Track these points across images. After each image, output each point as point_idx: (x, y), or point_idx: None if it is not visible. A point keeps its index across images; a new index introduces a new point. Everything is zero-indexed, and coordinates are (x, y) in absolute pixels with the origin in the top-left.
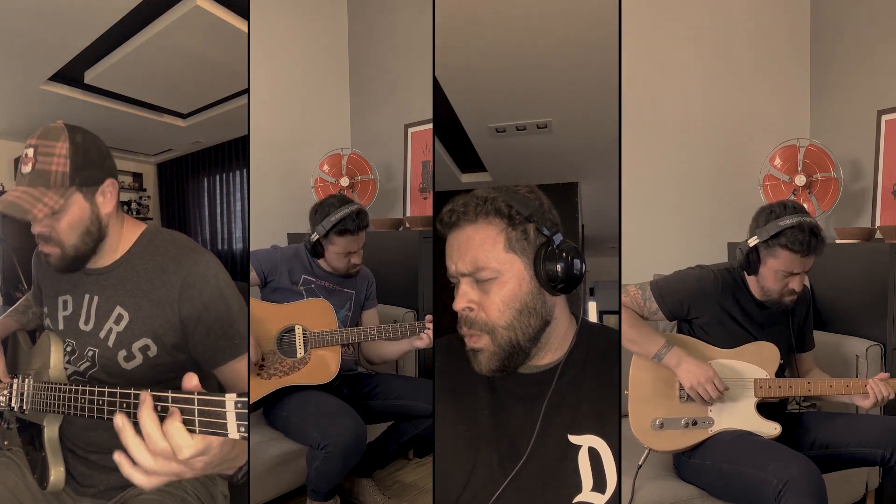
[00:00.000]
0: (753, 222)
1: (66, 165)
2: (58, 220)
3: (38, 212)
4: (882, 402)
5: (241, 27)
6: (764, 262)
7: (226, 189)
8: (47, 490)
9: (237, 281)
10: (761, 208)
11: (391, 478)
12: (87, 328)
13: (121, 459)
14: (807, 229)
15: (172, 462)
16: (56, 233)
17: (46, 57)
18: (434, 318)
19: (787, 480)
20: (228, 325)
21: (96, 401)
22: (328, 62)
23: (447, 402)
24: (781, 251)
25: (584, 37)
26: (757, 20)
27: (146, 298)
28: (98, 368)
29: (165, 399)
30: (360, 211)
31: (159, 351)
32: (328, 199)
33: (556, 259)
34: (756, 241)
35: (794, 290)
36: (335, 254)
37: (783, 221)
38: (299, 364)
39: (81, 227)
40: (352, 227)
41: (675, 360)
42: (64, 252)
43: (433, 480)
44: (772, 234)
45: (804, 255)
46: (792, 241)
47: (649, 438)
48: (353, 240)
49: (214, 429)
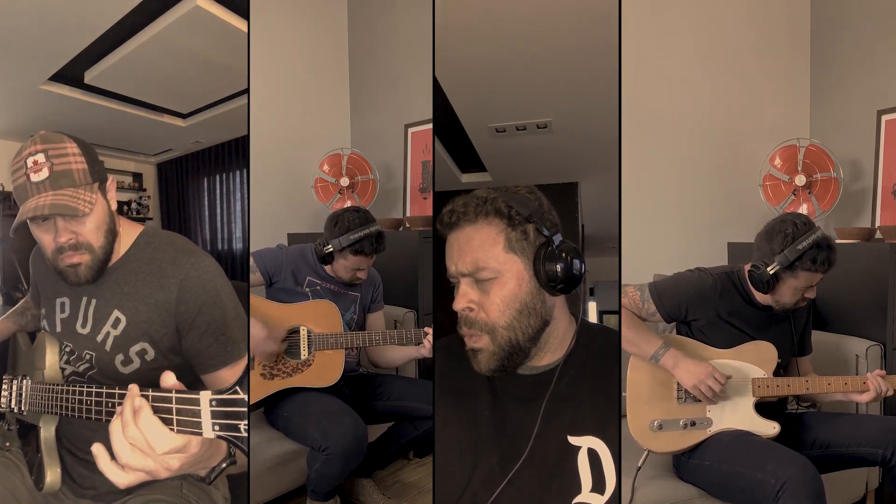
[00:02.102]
0: (766, 245)
1: (83, 163)
2: (82, 223)
3: (85, 208)
4: (882, 395)
5: (241, 27)
6: (783, 282)
7: (226, 189)
8: (43, 491)
9: (237, 281)
10: (770, 230)
11: (391, 478)
12: (84, 331)
13: (98, 452)
14: (824, 246)
15: (148, 457)
16: (84, 237)
17: (46, 57)
18: (434, 318)
19: (785, 480)
20: (221, 332)
21: (85, 401)
22: (328, 62)
23: (447, 403)
24: (803, 273)
25: (585, 37)
26: (757, 20)
27: (143, 302)
28: (96, 371)
29: (146, 398)
30: (379, 234)
31: (156, 355)
32: (350, 214)
33: (556, 259)
34: (777, 269)
35: (808, 299)
36: (343, 267)
37: (801, 244)
38: (303, 366)
39: (105, 226)
40: (368, 250)
41: (673, 361)
42: (95, 257)
43: (433, 481)
44: (793, 259)
45: (826, 272)
46: (814, 261)
47: (648, 440)
48: (366, 261)
49: (190, 427)
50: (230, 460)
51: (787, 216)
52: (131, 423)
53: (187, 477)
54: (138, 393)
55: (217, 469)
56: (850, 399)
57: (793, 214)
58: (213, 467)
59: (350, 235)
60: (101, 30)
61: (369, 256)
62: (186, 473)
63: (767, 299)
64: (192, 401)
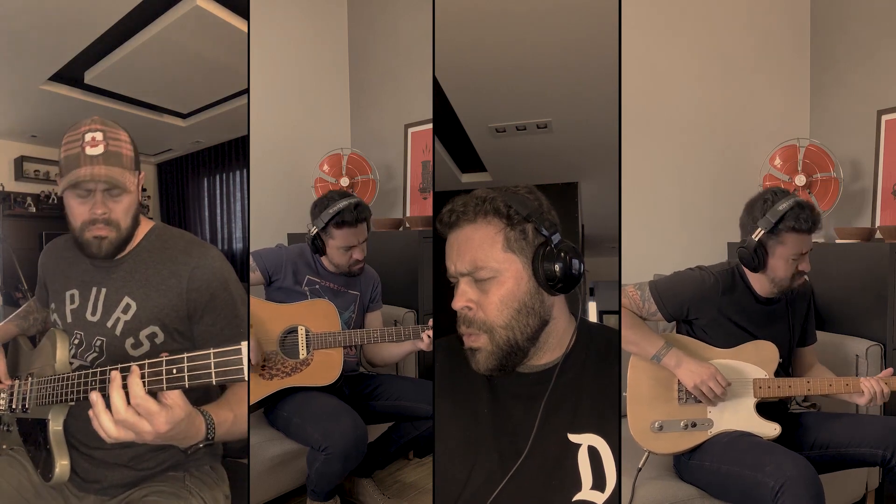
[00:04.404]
0: (747, 217)
1: (132, 151)
2: (119, 202)
3: (131, 187)
4: (876, 397)
5: (241, 27)
6: (773, 253)
7: (226, 189)
8: (51, 483)
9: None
10: (751, 202)
11: (391, 478)
12: (94, 318)
13: (97, 399)
14: (805, 206)
15: (143, 419)
16: (116, 215)
17: (46, 57)
18: (434, 318)
19: (784, 481)
20: (234, 315)
21: (90, 382)
22: (328, 62)
23: (447, 402)
24: (788, 235)
25: (585, 36)
26: (757, 20)
27: (154, 288)
28: (105, 357)
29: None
30: (358, 203)
31: (166, 338)
32: (328, 194)
33: (555, 259)
34: (762, 233)
35: (803, 272)
36: (335, 248)
37: (781, 205)
38: (301, 365)
39: (133, 210)
40: (349, 218)
41: (675, 361)
42: (119, 235)
43: (433, 480)
44: (775, 221)
45: (810, 232)
46: (798, 220)
47: (649, 441)
48: (353, 232)
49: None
50: (206, 441)
51: (769, 188)
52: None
53: (189, 470)
54: (138, 372)
55: (195, 447)
56: (851, 400)
57: (770, 186)
58: (192, 445)
59: (329, 210)
60: (101, 30)
61: (354, 226)
62: (170, 445)
63: (766, 286)
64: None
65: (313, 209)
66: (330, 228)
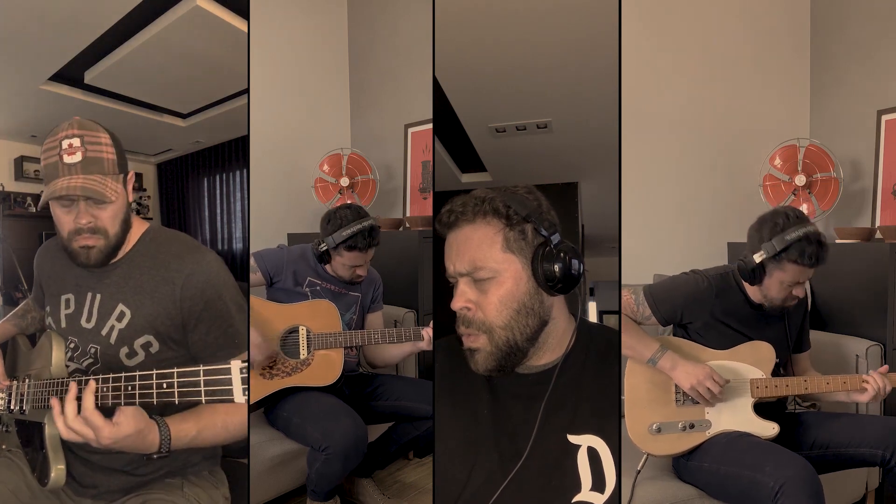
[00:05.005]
0: (755, 234)
1: (113, 154)
2: (104, 209)
3: (111, 195)
4: (880, 393)
5: (241, 27)
6: (770, 275)
7: (226, 189)
8: (47, 487)
9: (237, 281)
10: (762, 219)
11: (391, 478)
12: (88, 325)
13: (55, 404)
14: (814, 240)
15: (88, 429)
16: (102, 222)
17: (46, 57)
18: (434, 318)
19: (783, 482)
20: (229, 325)
21: (82, 389)
22: (328, 62)
23: (447, 403)
24: (790, 265)
25: (584, 36)
26: (757, 20)
27: (148, 296)
28: (100, 365)
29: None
30: (372, 228)
31: (161, 347)
32: (342, 211)
33: (554, 259)
34: (763, 257)
35: (797, 297)
36: (341, 264)
37: (790, 235)
38: (302, 365)
39: (121, 215)
40: (362, 245)
41: (670, 363)
42: (108, 242)
43: (433, 480)
44: (780, 249)
45: (812, 267)
46: (801, 254)
47: (647, 443)
48: (362, 256)
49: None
50: (159, 454)
51: (781, 208)
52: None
53: (187, 477)
54: (93, 387)
55: (149, 456)
56: (851, 399)
57: (787, 207)
58: (146, 455)
59: (342, 232)
60: (101, 30)
61: (364, 251)
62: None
63: (758, 295)
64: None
65: (325, 224)
66: (340, 248)
